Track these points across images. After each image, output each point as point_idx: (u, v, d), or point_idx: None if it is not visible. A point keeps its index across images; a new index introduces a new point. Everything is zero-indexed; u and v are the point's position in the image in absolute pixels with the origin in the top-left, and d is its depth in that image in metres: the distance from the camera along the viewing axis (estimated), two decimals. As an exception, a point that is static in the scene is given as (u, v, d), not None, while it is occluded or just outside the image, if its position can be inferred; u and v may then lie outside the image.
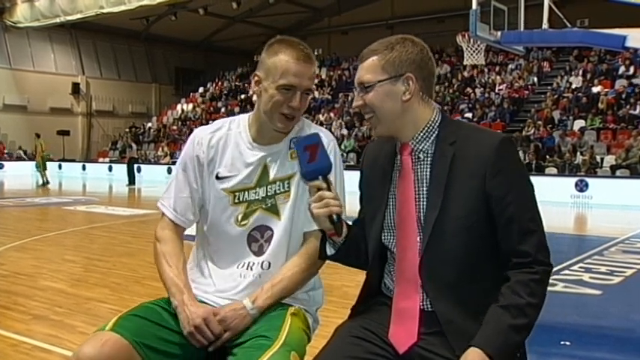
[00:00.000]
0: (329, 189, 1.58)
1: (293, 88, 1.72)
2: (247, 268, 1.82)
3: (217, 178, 1.83)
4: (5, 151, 26.77)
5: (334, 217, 1.57)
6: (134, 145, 21.35)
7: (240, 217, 1.82)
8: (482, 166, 1.53)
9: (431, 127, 1.62)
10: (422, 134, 1.62)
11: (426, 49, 1.62)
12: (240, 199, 1.82)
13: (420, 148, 1.62)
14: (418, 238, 1.59)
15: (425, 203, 1.59)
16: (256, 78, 1.79)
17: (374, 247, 1.69)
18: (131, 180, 19.22)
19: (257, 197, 1.82)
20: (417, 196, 1.60)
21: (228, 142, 1.85)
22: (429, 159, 1.61)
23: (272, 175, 1.82)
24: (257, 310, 1.71)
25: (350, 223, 1.71)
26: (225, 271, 1.84)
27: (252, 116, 1.86)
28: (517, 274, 1.52)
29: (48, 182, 18.54)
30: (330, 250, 1.69)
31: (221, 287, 1.82)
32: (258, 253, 1.83)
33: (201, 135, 1.87)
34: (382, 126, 1.63)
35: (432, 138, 1.62)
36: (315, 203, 1.57)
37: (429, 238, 1.56)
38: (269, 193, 1.82)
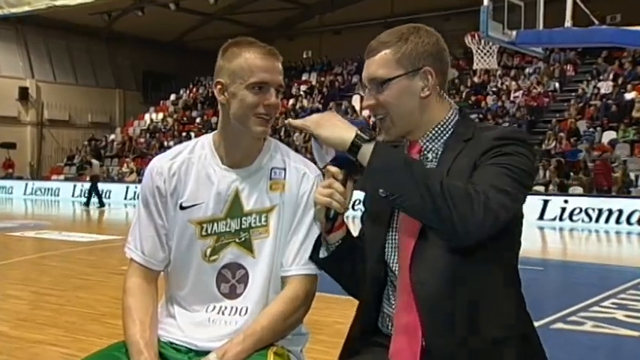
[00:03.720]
0: (344, 185, 1.62)
1: (266, 84, 1.76)
2: (219, 313, 1.83)
3: (182, 208, 1.85)
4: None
5: (331, 212, 1.63)
6: (95, 162, 21.43)
7: (208, 252, 1.84)
8: (481, 152, 1.52)
9: (445, 126, 1.64)
10: (433, 132, 1.63)
11: (441, 40, 1.66)
12: (209, 231, 1.83)
13: (430, 147, 1.63)
14: None
15: None
16: (219, 86, 1.81)
17: (372, 265, 1.67)
18: (100, 202, 19.85)
19: (228, 229, 1.83)
20: None
21: (191, 166, 1.86)
22: (437, 160, 1.61)
23: (246, 205, 1.83)
24: None
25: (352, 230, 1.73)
26: (193, 314, 1.84)
27: (218, 134, 1.88)
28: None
29: None
30: (322, 253, 1.70)
31: (190, 333, 1.82)
32: (230, 295, 1.83)
33: (159, 164, 1.88)
34: (396, 128, 1.63)
35: (445, 137, 1.63)
36: (322, 188, 1.63)
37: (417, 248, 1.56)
38: (243, 226, 1.83)
